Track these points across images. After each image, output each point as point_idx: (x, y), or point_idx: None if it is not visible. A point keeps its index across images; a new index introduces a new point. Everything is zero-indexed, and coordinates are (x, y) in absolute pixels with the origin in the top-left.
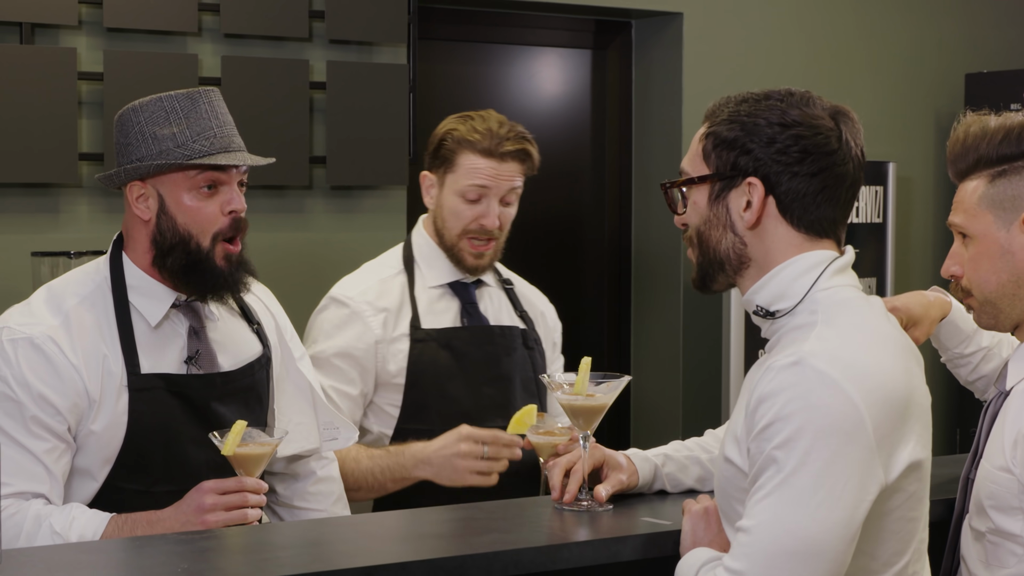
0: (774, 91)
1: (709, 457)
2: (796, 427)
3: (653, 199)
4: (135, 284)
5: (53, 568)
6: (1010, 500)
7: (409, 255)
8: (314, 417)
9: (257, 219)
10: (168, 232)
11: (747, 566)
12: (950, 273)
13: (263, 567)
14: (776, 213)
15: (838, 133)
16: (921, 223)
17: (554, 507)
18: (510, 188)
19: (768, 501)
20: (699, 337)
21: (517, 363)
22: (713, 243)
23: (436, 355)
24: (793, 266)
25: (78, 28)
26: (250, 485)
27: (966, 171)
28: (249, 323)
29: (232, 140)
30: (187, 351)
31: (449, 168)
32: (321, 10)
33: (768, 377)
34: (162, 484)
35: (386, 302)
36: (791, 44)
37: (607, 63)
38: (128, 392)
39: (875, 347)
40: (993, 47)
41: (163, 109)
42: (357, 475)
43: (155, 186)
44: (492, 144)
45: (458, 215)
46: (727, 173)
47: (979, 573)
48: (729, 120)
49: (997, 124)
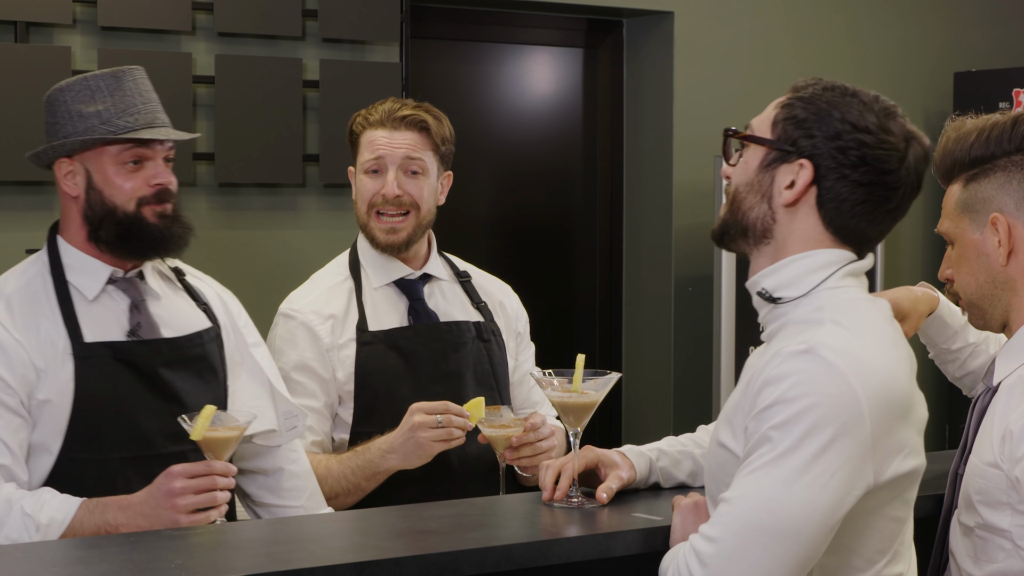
0: (863, 92)
1: (701, 452)
2: (796, 411)
3: (644, 196)
4: (70, 263)
5: (48, 563)
6: (998, 495)
7: (355, 259)
8: (270, 401)
9: (251, 216)
10: (97, 206)
11: (721, 534)
12: (944, 276)
13: (257, 562)
14: (813, 203)
15: (902, 155)
16: (910, 224)
17: (544, 505)
18: (407, 156)
19: (755, 476)
20: (690, 334)
21: (468, 357)
22: (746, 207)
23: (383, 357)
24: (809, 259)
25: (72, 27)
26: (219, 468)
27: (946, 175)
28: (196, 302)
29: (156, 116)
30: (129, 324)
31: (357, 152)
32: (314, 9)
33: (776, 362)
34: (116, 451)
35: (332, 309)
36: (780, 43)
37: (598, 62)
38: (73, 360)
39: (882, 349)
40: (981, 46)
41: (88, 88)
42: (331, 482)
43: (82, 163)
44: (385, 116)
45: (362, 190)
46: (786, 147)
47: (967, 568)
48: (808, 100)
49: (972, 126)
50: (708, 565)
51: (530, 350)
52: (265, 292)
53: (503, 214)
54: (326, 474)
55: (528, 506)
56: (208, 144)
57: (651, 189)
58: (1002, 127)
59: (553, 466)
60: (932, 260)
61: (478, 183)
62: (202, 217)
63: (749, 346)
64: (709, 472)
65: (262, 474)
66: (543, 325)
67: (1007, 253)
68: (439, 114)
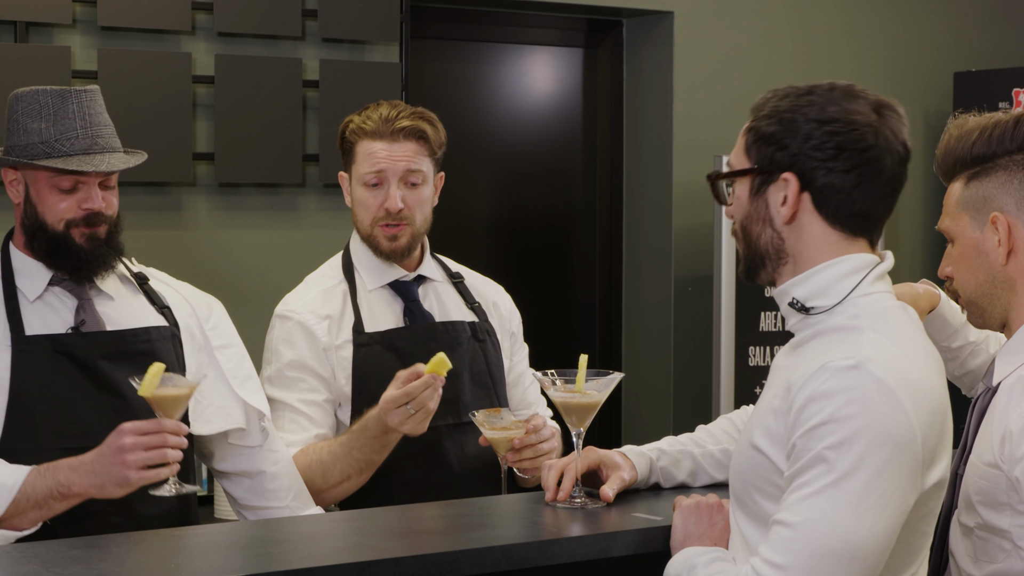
0: (818, 85)
1: (702, 452)
2: (852, 430)
3: (644, 196)
4: (19, 266)
5: (48, 563)
6: (998, 496)
7: (348, 262)
8: (236, 401)
9: (250, 216)
10: (31, 218)
11: (790, 561)
12: (944, 274)
13: (257, 562)
14: (812, 208)
15: (876, 128)
16: (910, 221)
17: (547, 505)
18: (408, 169)
19: (816, 499)
20: (690, 334)
21: (464, 357)
22: (754, 237)
23: (380, 358)
24: (838, 266)
25: (72, 27)
26: (169, 426)
27: (948, 173)
28: (154, 304)
29: (95, 142)
30: (74, 321)
31: (352, 160)
32: (314, 9)
33: (823, 377)
34: (53, 442)
35: (328, 310)
36: (780, 43)
37: (598, 62)
38: (10, 352)
39: (921, 361)
40: (981, 46)
41: (37, 103)
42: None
43: (24, 175)
44: (383, 126)
45: (365, 204)
46: (765, 168)
47: (967, 568)
48: (769, 115)
49: (974, 124)
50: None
51: (524, 351)
52: (265, 292)
53: (503, 214)
54: (331, 460)
55: (528, 506)
56: (208, 144)
57: (651, 189)
58: (1004, 126)
59: (556, 466)
60: (932, 258)
61: (478, 183)
62: (202, 217)
63: (749, 346)
64: (738, 472)
65: (246, 477)
66: (543, 325)
67: (1007, 253)
68: (433, 118)
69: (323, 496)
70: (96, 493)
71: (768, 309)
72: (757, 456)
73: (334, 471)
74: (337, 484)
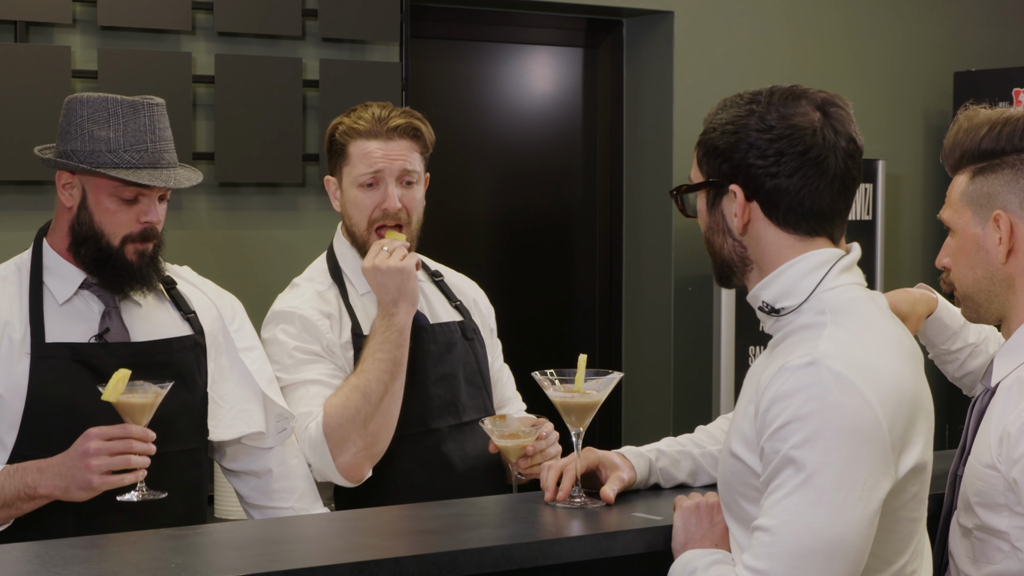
0: (759, 93)
1: (701, 452)
2: (814, 427)
3: (644, 196)
4: (49, 265)
5: (47, 563)
6: (996, 497)
7: (335, 266)
8: (258, 405)
9: (250, 216)
10: (85, 225)
11: (770, 566)
12: (942, 264)
13: (257, 562)
14: (762, 216)
15: (816, 127)
16: (910, 220)
17: (547, 505)
18: (404, 168)
19: (789, 501)
20: (690, 334)
21: (458, 358)
22: (717, 247)
23: None
24: (800, 264)
25: (72, 26)
26: (135, 432)
27: (954, 165)
28: (180, 311)
29: (162, 157)
30: (98, 328)
31: (344, 162)
32: (314, 8)
33: (783, 378)
34: None
35: (329, 309)
36: (780, 43)
37: (598, 61)
38: (30, 359)
39: (886, 349)
40: (981, 45)
41: (106, 110)
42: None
43: (81, 181)
44: (377, 125)
45: (359, 205)
46: (715, 181)
47: (966, 569)
48: (713, 129)
49: (984, 118)
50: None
51: (499, 346)
52: (265, 292)
53: (503, 214)
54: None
55: (528, 506)
56: (208, 144)
57: (651, 189)
58: (1015, 123)
59: (555, 467)
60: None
61: (478, 183)
62: (202, 217)
63: (749, 346)
64: (723, 480)
65: (253, 476)
66: (543, 325)
67: (1007, 251)
68: (423, 118)
69: (372, 432)
70: (61, 495)
71: None
72: (736, 463)
73: (373, 384)
74: (379, 400)
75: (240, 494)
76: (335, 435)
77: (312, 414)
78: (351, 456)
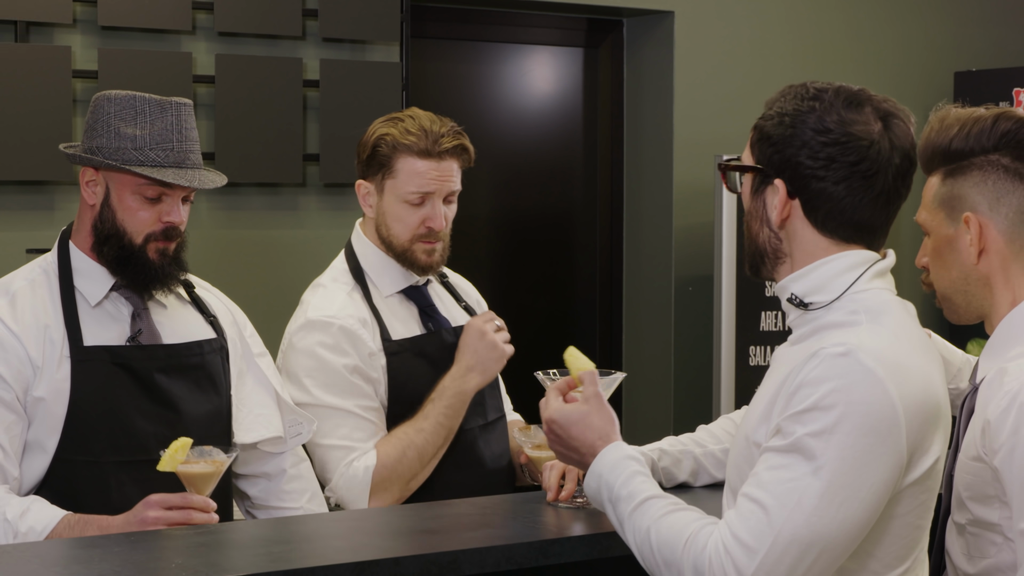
0: (824, 90)
1: (703, 452)
2: (835, 420)
3: (644, 196)
4: (79, 267)
5: (48, 563)
6: (985, 489)
7: (356, 267)
8: (276, 409)
9: (251, 216)
10: (107, 222)
11: (761, 546)
12: (921, 264)
13: (257, 562)
14: (802, 215)
15: (874, 139)
16: (910, 221)
17: (548, 505)
18: (452, 189)
19: (793, 486)
20: (690, 334)
21: None
22: (754, 233)
23: (412, 365)
24: (835, 263)
25: (72, 26)
26: (196, 502)
27: (927, 166)
28: (203, 314)
29: (187, 157)
30: (130, 330)
31: (388, 174)
32: (314, 8)
33: (814, 363)
34: (109, 455)
35: (362, 314)
36: (780, 43)
37: (599, 61)
38: (70, 362)
39: (916, 353)
40: (981, 45)
41: (133, 108)
42: (431, 440)
43: (105, 178)
44: (430, 144)
45: (404, 221)
46: (759, 168)
47: (962, 566)
48: (772, 116)
49: (954, 118)
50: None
51: None
52: (265, 292)
53: (503, 214)
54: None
55: (528, 506)
56: (208, 144)
57: (651, 189)
58: (983, 124)
59: (558, 467)
60: None
61: (478, 183)
62: (202, 217)
63: (749, 346)
64: (735, 464)
65: (264, 478)
66: (543, 325)
67: (978, 252)
68: (463, 132)
69: (410, 486)
70: None
71: (768, 309)
72: (755, 450)
73: (428, 447)
74: (430, 461)
75: (247, 494)
76: (381, 484)
77: (353, 449)
78: (383, 502)
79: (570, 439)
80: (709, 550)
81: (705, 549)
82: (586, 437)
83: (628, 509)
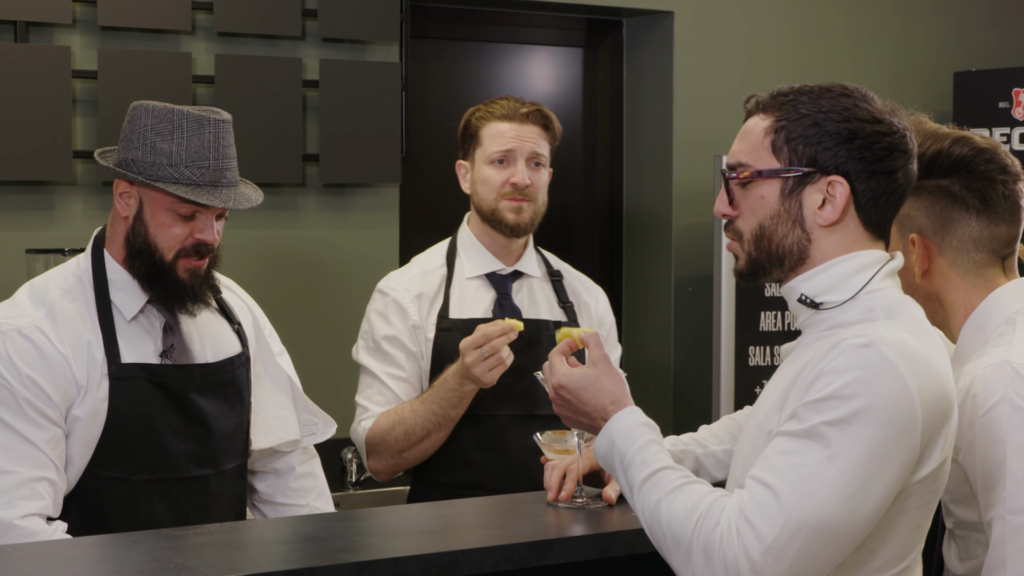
0: (846, 86)
1: (704, 452)
2: (853, 410)
3: (644, 196)
4: (115, 279)
5: (47, 563)
6: (963, 489)
7: (452, 249)
8: (293, 410)
9: (250, 216)
10: (140, 236)
11: (768, 529)
12: None
13: (256, 562)
14: (853, 211)
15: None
16: None
17: (549, 505)
18: (534, 150)
19: (806, 472)
20: (690, 334)
21: (542, 355)
22: (779, 237)
23: (458, 344)
24: (848, 262)
25: (72, 27)
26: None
27: None
28: (230, 323)
29: (223, 175)
30: (162, 345)
31: (476, 144)
32: (314, 8)
33: (835, 353)
34: (141, 473)
35: (423, 289)
36: (780, 43)
37: (598, 61)
38: (109, 380)
39: (932, 349)
40: (981, 45)
41: (171, 122)
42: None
43: (139, 192)
44: (511, 110)
45: (489, 181)
46: (805, 169)
47: (955, 570)
48: (801, 115)
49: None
50: (754, 560)
51: (615, 353)
52: (265, 292)
53: None
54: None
55: (528, 506)
56: None
57: (651, 189)
58: (938, 149)
59: (559, 467)
60: None
61: None
62: None
63: (749, 346)
64: (745, 456)
65: (273, 474)
66: None
67: (922, 272)
68: (550, 112)
69: (404, 456)
70: None
71: (768, 309)
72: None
73: (416, 428)
74: (419, 441)
75: (256, 489)
76: (373, 448)
77: (367, 410)
78: (378, 465)
79: (581, 404)
80: (721, 529)
81: (716, 528)
82: (598, 401)
83: (640, 477)
